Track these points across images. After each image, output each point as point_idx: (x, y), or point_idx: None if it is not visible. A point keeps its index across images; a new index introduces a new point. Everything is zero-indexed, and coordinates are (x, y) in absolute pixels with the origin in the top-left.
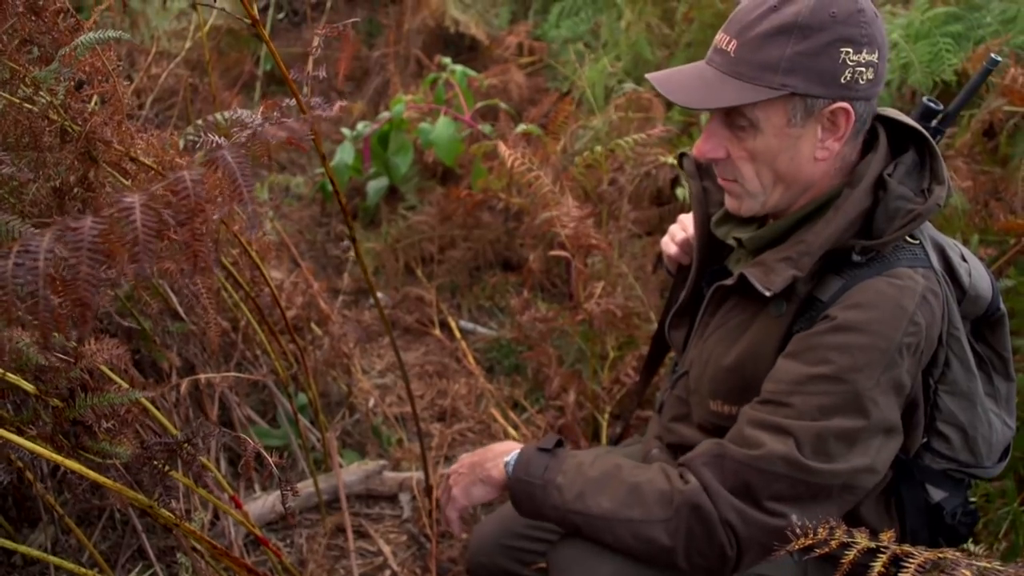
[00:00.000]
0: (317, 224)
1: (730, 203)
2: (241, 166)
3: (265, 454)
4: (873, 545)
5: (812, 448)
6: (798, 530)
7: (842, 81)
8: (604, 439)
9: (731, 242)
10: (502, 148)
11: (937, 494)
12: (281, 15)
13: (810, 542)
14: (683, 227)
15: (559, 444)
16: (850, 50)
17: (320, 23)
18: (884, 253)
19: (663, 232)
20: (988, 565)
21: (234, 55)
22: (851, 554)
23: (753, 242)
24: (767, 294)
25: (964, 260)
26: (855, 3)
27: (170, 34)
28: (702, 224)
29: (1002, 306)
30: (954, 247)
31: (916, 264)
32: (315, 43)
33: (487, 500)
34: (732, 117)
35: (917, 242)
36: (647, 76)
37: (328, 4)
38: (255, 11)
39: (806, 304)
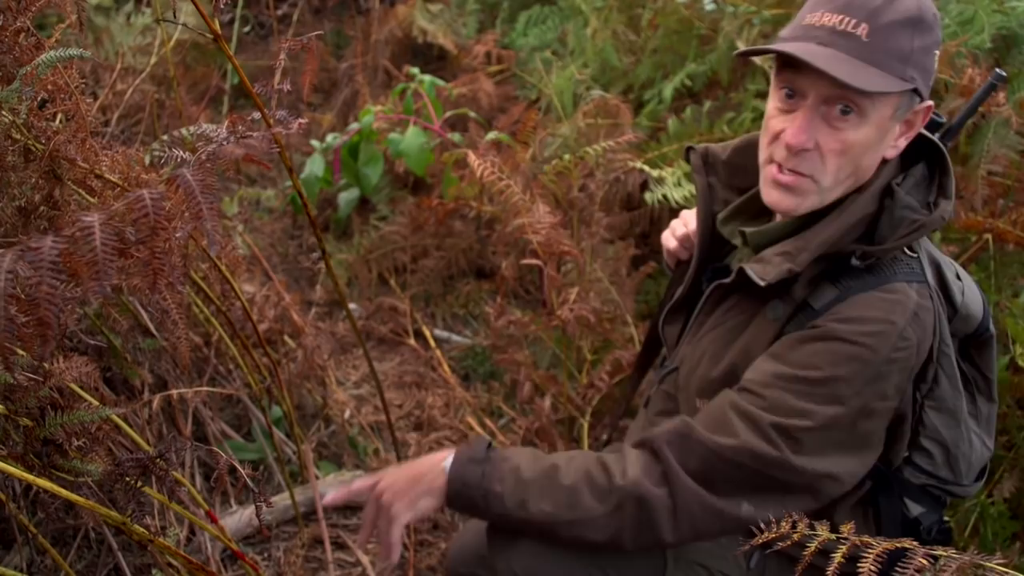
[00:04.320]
0: (289, 237)
1: (787, 201)
2: (201, 185)
3: (239, 467)
4: (834, 537)
5: (782, 444)
6: (762, 525)
7: (931, 82)
8: (585, 442)
9: (735, 241)
10: (472, 158)
11: (915, 509)
12: (247, 28)
13: (773, 536)
14: (684, 222)
15: (490, 446)
16: (938, 52)
17: (286, 35)
18: (882, 262)
19: (635, 236)
20: (943, 553)
21: (201, 69)
22: (812, 546)
23: (757, 237)
24: (761, 283)
25: (959, 279)
26: (933, 6)
27: (135, 50)
28: (705, 220)
29: (992, 327)
30: (950, 265)
31: (912, 279)
32: (280, 56)
33: (433, 511)
34: (835, 105)
35: (915, 255)
36: (778, 46)
37: (295, 16)
38: (217, 26)
39: (799, 309)
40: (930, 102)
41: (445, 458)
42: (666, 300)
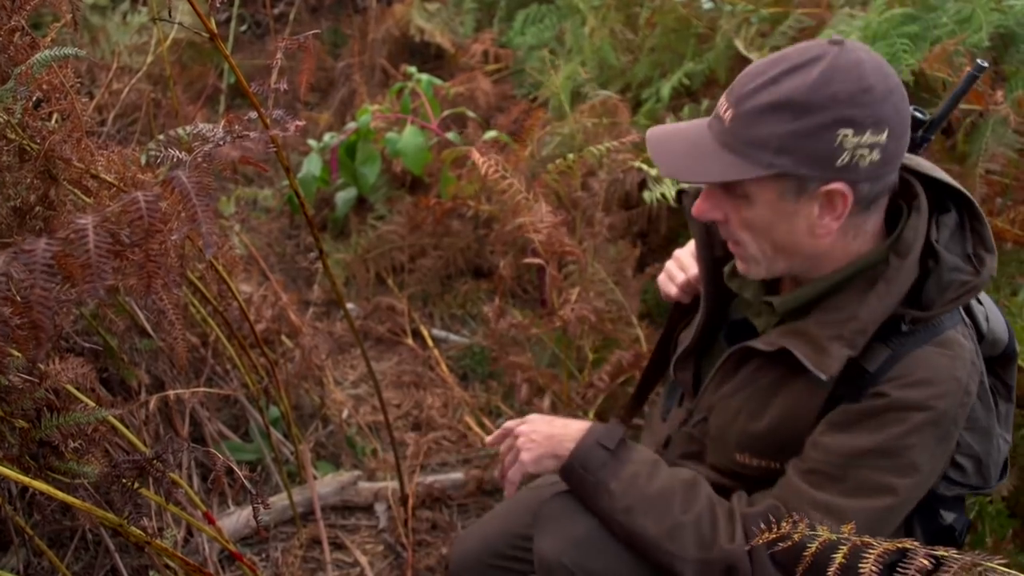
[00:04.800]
0: (286, 236)
1: (739, 265)
2: (196, 187)
3: (236, 468)
4: (834, 538)
5: (866, 529)
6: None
7: (838, 164)
8: None
9: (746, 295)
10: (475, 155)
11: (948, 516)
12: (244, 27)
13: (775, 536)
14: (680, 265)
15: (622, 440)
16: (849, 132)
17: (283, 34)
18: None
19: (632, 235)
20: (944, 553)
21: (197, 68)
22: (813, 546)
23: (785, 306)
24: (823, 378)
25: (980, 303)
26: (860, 82)
27: (131, 49)
28: (708, 269)
29: (1016, 346)
30: None
31: (955, 322)
32: (277, 55)
33: (551, 472)
34: (728, 185)
35: None
36: (648, 133)
37: (292, 15)
38: (213, 25)
39: (850, 372)
40: (838, 185)
41: (582, 429)
42: (668, 337)
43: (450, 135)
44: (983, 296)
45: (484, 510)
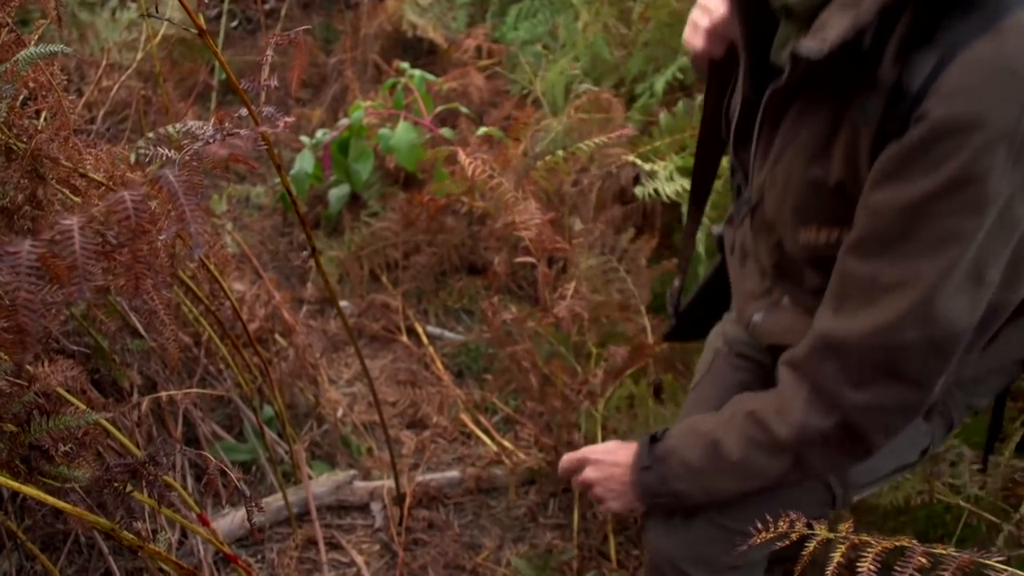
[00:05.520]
0: (279, 234)
1: None
2: (185, 186)
3: (229, 469)
4: (852, 540)
5: (941, 289)
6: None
7: None
8: (600, 435)
9: (781, 16)
10: (461, 156)
11: None
12: (235, 23)
13: (770, 536)
14: (705, 8)
15: (653, 441)
16: None
17: (274, 30)
18: None
19: (627, 230)
20: (944, 551)
21: (188, 65)
22: (810, 546)
23: (804, 4)
24: (821, 54)
25: None
26: None
27: (120, 45)
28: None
29: None
30: None
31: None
32: (267, 52)
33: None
34: None
35: None
36: None
37: (283, 11)
38: (203, 20)
39: (894, 97)
40: None
41: (629, 462)
42: (709, 109)
43: (444, 131)
44: None
45: (482, 509)
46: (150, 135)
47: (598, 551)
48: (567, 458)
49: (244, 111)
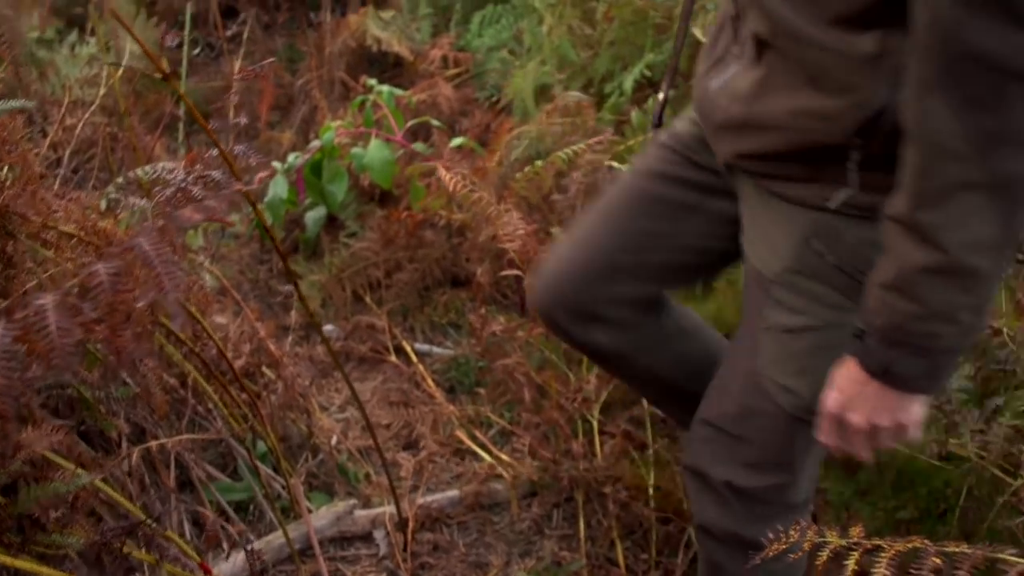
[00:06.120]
0: (258, 262)
1: None
2: (160, 254)
3: (227, 520)
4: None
5: None
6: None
7: None
8: (597, 440)
9: None
10: (442, 172)
11: None
12: (196, 51)
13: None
14: None
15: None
16: None
17: (238, 55)
18: None
19: None
20: (956, 549)
21: (153, 96)
22: None
23: None
24: None
25: None
26: None
27: (82, 81)
28: None
29: None
30: None
31: None
32: (233, 90)
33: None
34: None
35: None
36: None
37: (245, 34)
38: (165, 64)
39: None
40: None
41: (858, 370)
42: None
43: (416, 145)
44: None
45: (485, 525)
46: (119, 180)
47: (606, 558)
48: (826, 439)
49: (212, 151)
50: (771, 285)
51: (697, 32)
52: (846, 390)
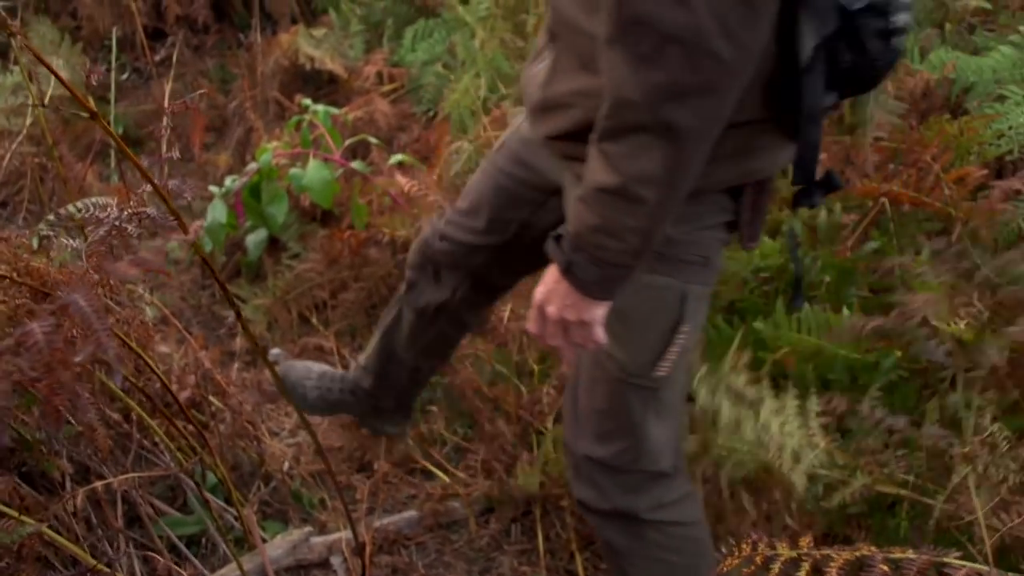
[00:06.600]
0: (200, 287)
1: None
2: (95, 310)
3: (181, 546)
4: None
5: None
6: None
7: None
8: (548, 447)
9: None
10: (399, 179)
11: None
12: (125, 75)
13: (737, 560)
14: None
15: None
16: None
17: (167, 76)
18: None
19: None
20: (902, 555)
21: (82, 124)
22: None
23: None
24: None
25: None
26: None
27: (7, 111)
28: None
29: None
30: None
31: None
32: (164, 121)
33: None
34: None
35: None
36: None
37: (174, 57)
38: (91, 103)
39: None
40: None
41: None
42: None
43: (355, 163)
44: None
45: (444, 545)
46: (51, 217)
47: (566, 570)
48: (531, 327)
49: (146, 188)
50: None
51: None
52: (547, 284)
